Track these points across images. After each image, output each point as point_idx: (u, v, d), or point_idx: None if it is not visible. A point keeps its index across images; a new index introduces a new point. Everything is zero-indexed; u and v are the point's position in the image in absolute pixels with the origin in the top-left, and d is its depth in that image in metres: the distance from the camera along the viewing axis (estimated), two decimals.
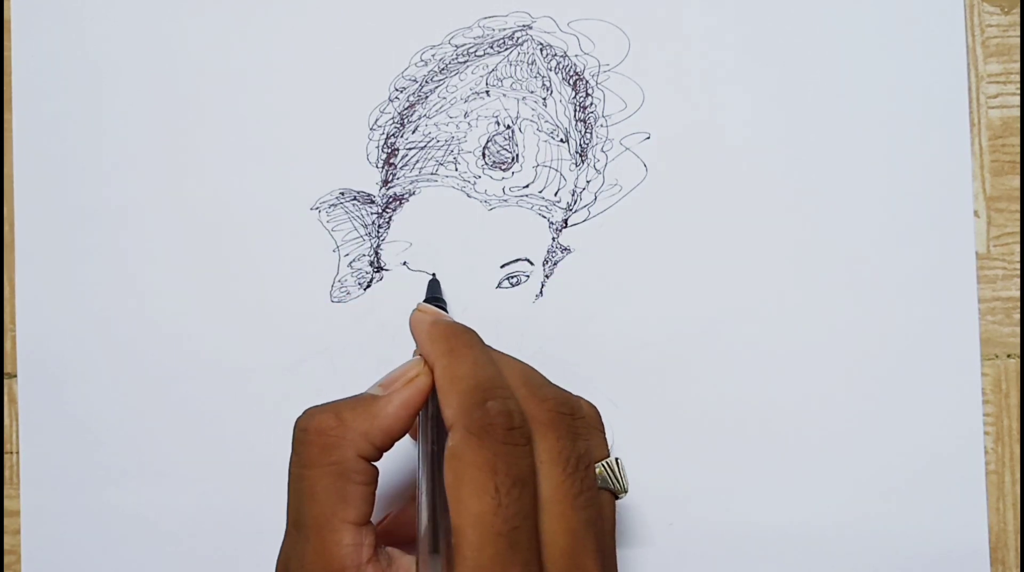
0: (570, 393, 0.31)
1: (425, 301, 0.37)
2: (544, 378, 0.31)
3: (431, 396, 0.31)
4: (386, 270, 0.40)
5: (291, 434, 0.30)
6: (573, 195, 0.40)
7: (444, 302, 0.38)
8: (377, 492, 0.30)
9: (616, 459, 0.31)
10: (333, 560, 0.29)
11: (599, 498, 0.30)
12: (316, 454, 0.29)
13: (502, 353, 0.32)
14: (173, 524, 0.40)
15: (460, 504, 0.27)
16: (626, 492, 0.31)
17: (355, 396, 0.31)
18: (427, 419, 0.31)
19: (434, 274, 0.39)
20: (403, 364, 0.31)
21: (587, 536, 0.28)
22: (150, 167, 0.40)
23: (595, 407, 0.32)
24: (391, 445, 0.30)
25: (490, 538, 0.27)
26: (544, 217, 0.40)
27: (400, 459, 0.38)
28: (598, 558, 0.28)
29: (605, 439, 0.32)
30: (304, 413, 0.30)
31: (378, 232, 0.40)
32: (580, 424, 0.30)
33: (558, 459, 0.29)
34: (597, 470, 0.31)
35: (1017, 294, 0.39)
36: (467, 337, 0.31)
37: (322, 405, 0.30)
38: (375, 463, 0.30)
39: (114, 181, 0.40)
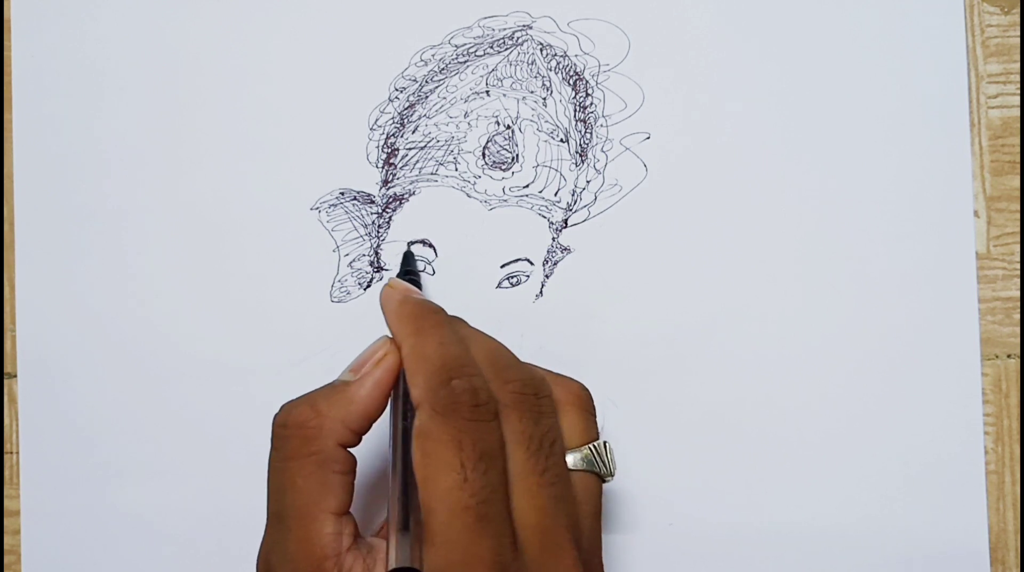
0: (541, 371, 0.32)
1: (399, 275, 0.37)
2: (513, 357, 0.31)
3: (402, 375, 0.31)
4: (386, 270, 0.40)
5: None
6: (573, 195, 0.40)
7: (418, 274, 0.38)
8: (361, 484, 0.31)
9: (604, 442, 0.31)
10: (315, 549, 0.29)
11: (569, 476, 0.30)
12: (296, 447, 0.30)
13: (474, 330, 0.32)
14: (173, 524, 0.40)
15: (427, 481, 0.27)
16: (612, 476, 0.31)
17: (328, 385, 0.31)
18: (397, 398, 0.31)
19: (409, 245, 0.39)
20: (370, 345, 0.32)
21: (557, 512, 0.29)
22: (150, 167, 0.40)
23: (585, 388, 0.32)
24: (369, 428, 0.31)
25: (458, 512, 0.27)
26: (544, 217, 0.40)
27: (385, 453, 0.38)
28: (571, 534, 0.29)
29: (592, 420, 0.32)
30: (281, 409, 0.31)
31: (378, 232, 0.40)
32: (545, 403, 0.30)
33: (521, 438, 0.29)
34: (583, 452, 0.31)
35: (1017, 294, 0.39)
36: (435, 316, 0.32)
37: (297, 399, 0.31)
38: (353, 450, 0.30)
39: (114, 181, 0.40)
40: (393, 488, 0.30)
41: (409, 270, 0.38)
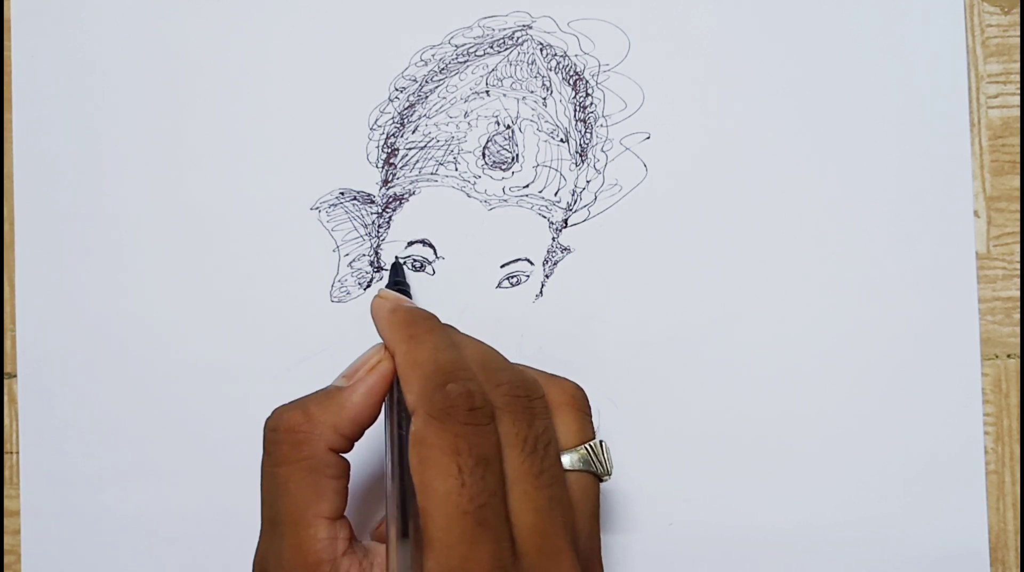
0: (534, 373, 0.32)
1: (388, 286, 0.37)
2: (504, 361, 0.31)
3: (396, 382, 0.31)
4: (386, 270, 0.40)
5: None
6: (573, 195, 0.40)
7: (407, 286, 0.38)
8: (356, 488, 0.31)
9: (600, 441, 0.31)
10: (309, 555, 0.29)
11: (565, 477, 0.30)
12: (287, 451, 0.30)
13: (464, 335, 0.32)
14: (173, 525, 0.40)
15: (425, 486, 0.27)
16: (610, 475, 0.31)
17: (320, 390, 0.31)
18: (392, 405, 0.31)
19: (396, 257, 0.39)
20: (364, 352, 0.32)
21: (553, 514, 0.28)
22: (150, 167, 0.40)
23: (580, 388, 0.32)
24: (361, 434, 0.31)
25: (456, 517, 0.27)
26: (544, 217, 0.40)
27: (380, 455, 0.38)
28: (567, 535, 0.29)
29: (588, 420, 0.32)
30: (272, 413, 0.31)
31: (378, 232, 0.40)
32: (538, 404, 0.30)
33: (515, 441, 0.29)
34: (580, 452, 0.31)
35: (1017, 294, 0.39)
36: (427, 322, 0.32)
37: (289, 403, 0.31)
38: (347, 456, 0.30)
39: (114, 181, 0.40)
40: (391, 495, 0.30)
41: (398, 281, 0.38)
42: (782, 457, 0.39)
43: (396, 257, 0.39)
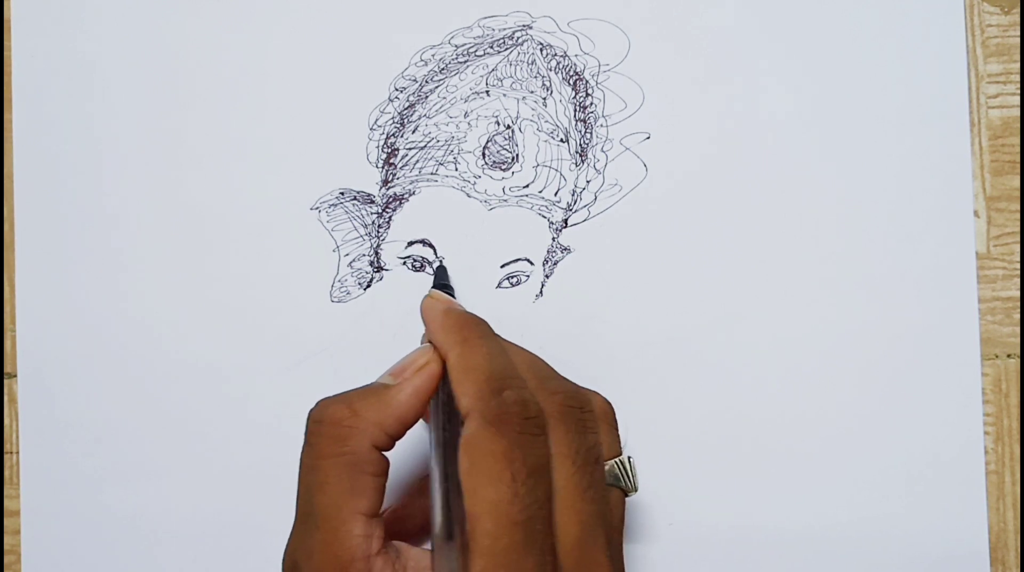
0: (579, 386, 0.32)
1: (433, 288, 0.37)
2: (552, 370, 0.31)
3: (442, 383, 0.31)
4: (386, 270, 0.40)
5: (297, 431, 0.30)
6: (573, 195, 0.40)
7: (452, 289, 0.38)
8: (390, 486, 0.30)
9: (628, 457, 0.31)
10: (343, 551, 0.28)
11: (608, 493, 0.30)
12: (329, 445, 0.29)
13: (511, 343, 0.32)
14: (173, 524, 0.40)
15: (476, 492, 0.27)
16: (636, 491, 0.31)
17: (366, 386, 0.31)
18: (438, 406, 0.31)
19: (442, 260, 0.39)
20: (411, 352, 0.31)
21: (597, 528, 0.29)
22: (150, 167, 0.40)
23: (609, 403, 0.32)
24: (403, 434, 0.30)
25: (506, 527, 0.27)
26: (544, 217, 0.40)
27: (405, 451, 0.38)
28: (607, 551, 0.29)
29: (618, 436, 0.32)
30: (317, 404, 0.30)
31: (378, 232, 0.40)
32: (588, 417, 0.30)
33: (567, 452, 0.29)
34: (607, 467, 0.31)
35: (1017, 294, 0.39)
36: (480, 327, 0.32)
37: (334, 396, 0.30)
38: (386, 454, 0.30)
39: (114, 181, 0.40)
40: (436, 497, 0.29)
41: (444, 284, 0.38)
42: (782, 457, 0.39)
43: (441, 260, 0.39)
